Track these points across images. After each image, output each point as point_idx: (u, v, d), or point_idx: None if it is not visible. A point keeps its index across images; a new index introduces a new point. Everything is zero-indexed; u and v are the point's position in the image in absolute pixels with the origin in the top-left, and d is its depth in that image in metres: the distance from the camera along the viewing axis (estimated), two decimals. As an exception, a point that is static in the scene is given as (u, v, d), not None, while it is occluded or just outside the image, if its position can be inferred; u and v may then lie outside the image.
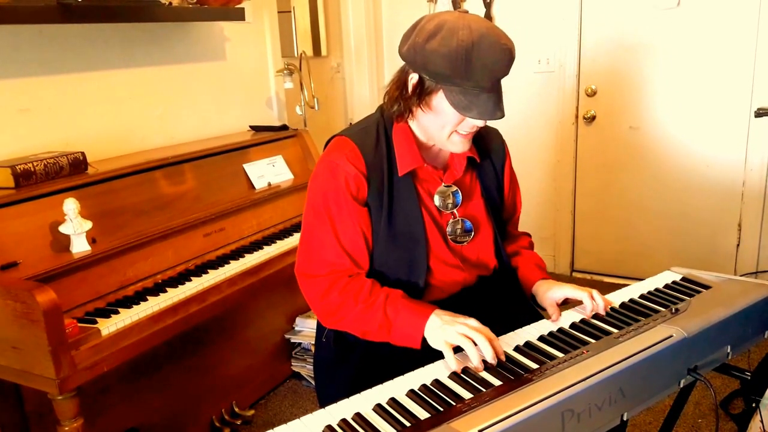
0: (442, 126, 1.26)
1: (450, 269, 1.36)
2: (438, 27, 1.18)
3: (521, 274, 1.47)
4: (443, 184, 1.36)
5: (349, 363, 1.37)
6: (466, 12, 1.23)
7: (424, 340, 1.19)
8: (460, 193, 1.37)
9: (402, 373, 1.11)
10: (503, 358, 1.12)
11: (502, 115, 1.21)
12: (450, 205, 1.36)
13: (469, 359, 1.11)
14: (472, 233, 1.38)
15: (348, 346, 1.38)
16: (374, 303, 1.24)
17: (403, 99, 1.28)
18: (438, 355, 1.15)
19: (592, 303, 1.30)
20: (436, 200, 1.35)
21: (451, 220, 1.36)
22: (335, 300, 1.27)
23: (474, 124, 1.25)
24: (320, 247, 1.30)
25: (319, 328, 1.47)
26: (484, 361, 1.11)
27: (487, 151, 1.44)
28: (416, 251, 1.32)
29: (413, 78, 1.24)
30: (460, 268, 1.38)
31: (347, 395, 1.06)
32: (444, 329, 1.16)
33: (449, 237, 1.36)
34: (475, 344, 1.12)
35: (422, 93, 1.24)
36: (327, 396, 1.44)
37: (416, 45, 1.20)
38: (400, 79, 1.29)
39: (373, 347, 1.32)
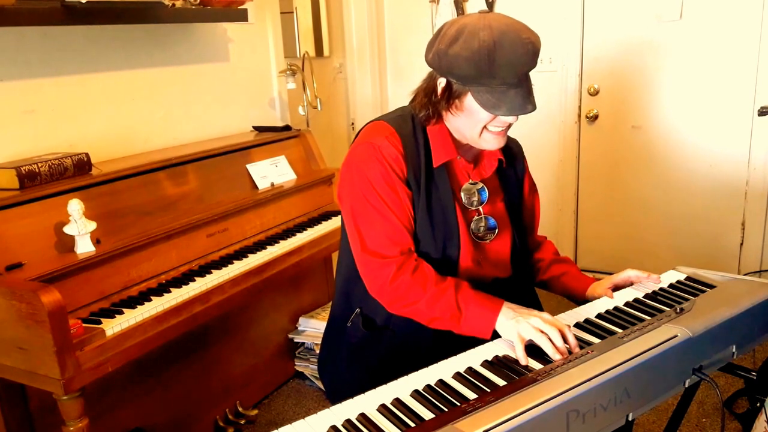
0: (473, 125, 1.28)
1: (471, 265, 1.38)
2: (459, 31, 1.20)
3: (569, 280, 1.49)
4: (469, 181, 1.38)
5: (378, 346, 1.39)
6: (488, 11, 1.25)
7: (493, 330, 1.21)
8: (486, 191, 1.39)
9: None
10: (577, 350, 1.13)
11: (533, 108, 1.23)
12: (475, 203, 1.38)
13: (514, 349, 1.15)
14: (496, 231, 1.40)
15: (378, 329, 1.40)
16: (445, 291, 1.25)
17: (432, 104, 1.30)
18: (452, 353, 1.16)
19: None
20: (462, 197, 1.37)
21: (475, 217, 1.39)
22: (405, 283, 1.27)
23: (505, 120, 1.27)
24: (383, 228, 1.30)
25: (341, 313, 1.47)
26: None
27: (511, 157, 1.47)
28: (450, 242, 1.34)
29: (441, 82, 1.27)
30: (479, 265, 1.39)
31: (371, 380, 1.07)
32: (518, 321, 1.17)
33: (473, 233, 1.38)
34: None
35: (451, 96, 1.27)
36: (344, 383, 1.45)
37: (440, 51, 1.23)
38: (429, 85, 1.32)
39: (402, 332, 1.35)
